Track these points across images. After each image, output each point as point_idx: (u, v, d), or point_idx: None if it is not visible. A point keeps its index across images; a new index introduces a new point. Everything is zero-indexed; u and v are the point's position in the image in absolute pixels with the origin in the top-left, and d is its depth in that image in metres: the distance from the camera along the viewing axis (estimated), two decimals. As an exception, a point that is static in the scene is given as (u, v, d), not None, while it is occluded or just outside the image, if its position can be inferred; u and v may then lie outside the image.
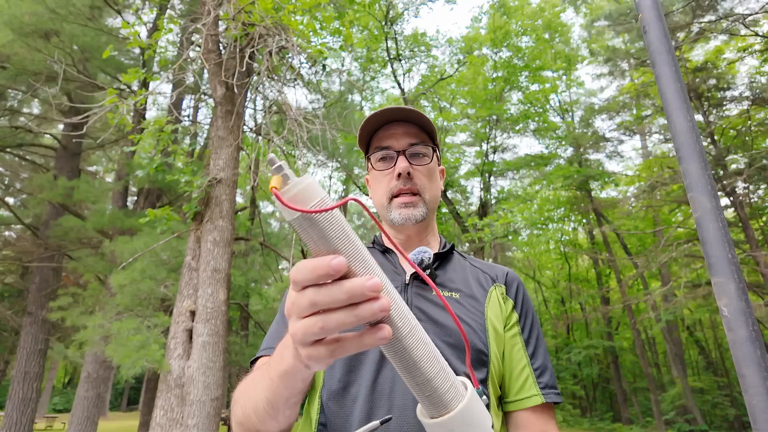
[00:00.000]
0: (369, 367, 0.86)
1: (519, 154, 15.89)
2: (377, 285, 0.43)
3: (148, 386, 11.44)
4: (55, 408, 22.68)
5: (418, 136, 1.02)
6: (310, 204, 0.42)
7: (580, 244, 18.73)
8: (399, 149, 1.00)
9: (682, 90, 0.74)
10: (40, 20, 7.40)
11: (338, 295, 0.43)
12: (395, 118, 1.02)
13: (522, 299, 1.00)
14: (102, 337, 5.75)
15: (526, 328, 0.97)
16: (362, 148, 1.11)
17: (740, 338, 0.58)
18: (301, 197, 0.42)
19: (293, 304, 0.46)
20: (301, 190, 0.42)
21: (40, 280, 9.30)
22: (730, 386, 15.49)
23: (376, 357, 0.86)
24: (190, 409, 4.69)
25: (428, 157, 1.03)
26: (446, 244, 1.08)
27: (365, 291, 0.42)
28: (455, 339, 0.88)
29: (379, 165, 1.03)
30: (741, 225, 9.67)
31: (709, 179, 0.67)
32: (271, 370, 0.61)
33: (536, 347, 0.96)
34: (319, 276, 0.42)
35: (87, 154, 12.09)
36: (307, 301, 0.44)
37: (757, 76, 10.37)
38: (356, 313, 0.43)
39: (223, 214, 5.47)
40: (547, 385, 0.92)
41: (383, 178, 1.02)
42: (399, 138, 1.01)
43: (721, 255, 0.62)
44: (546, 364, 0.95)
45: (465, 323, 0.90)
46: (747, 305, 0.60)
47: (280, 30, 5.36)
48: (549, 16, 13.94)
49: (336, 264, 0.42)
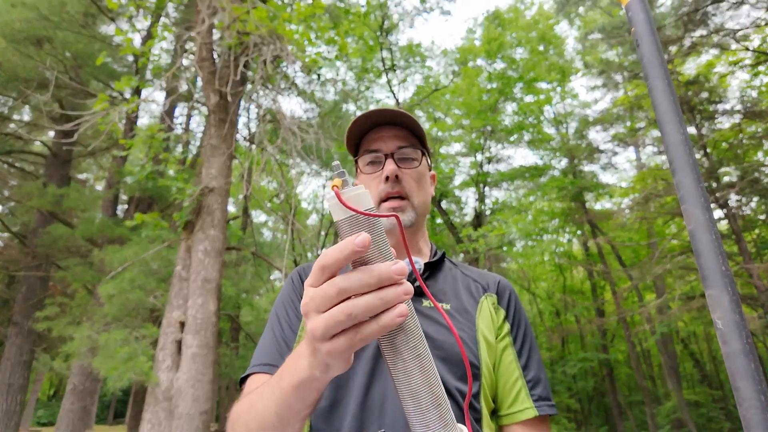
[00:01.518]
0: (358, 383, 0.83)
1: (513, 165, 15.95)
2: (403, 269, 0.46)
3: (135, 399, 11.20)
4: (39, 421, 22.24)
5: (407, 140, 1.00)
6: (362, 209, 0.47)
7: (575, 256, 18.75)
8: (387, 152, 0.98)
9: (675, 103, 0.75)
10: (32, 27, 7.36)
11: (368, 279, 0.45)
12: (384, 122, 1.00)
13: (514, 308, 0.98)
14: (89, 349, 5.64)
15: (518, 338, 0.95)
16: (350, 151, 1.08)
17: (734, 351, 0.59)
18: (355, 201, 0.48)
19: (312, 298, 0.47)
20: (357, 195, 0.48)
21: (26, 290, 9.14)
22: (725, 399, 15.47)
23: (365, 372, 0.84)
24: (179, 422, 4.57)
25: (417, 161, 1.00)
26: (437, 252, 1.05)
27: (392, 274, 0.45)
28: (445, 353, 0.85)
29: (367, 168, 1.01)
30: (734, 237, 9.72)
31: (703, 191, 0.68)
32: (282, 381, 0.59)
33: (529, 358, 0.94)
34: (347, 255, 0.45)
35: (77, 161, 11.97)
36: (336, 289, 0.45)
37: (748, 90, 10.51)
38: (382, 296, 0.45)
39: (215, 223, 5.40)
40: (541, 397, 0.90)
41: (371, 182, 0.99)
42: (387, 141, 0.99)
43: (715, 267, 0.63)
44: (539, 375, 0.92)
45: (447, 341, 0.88)
46: (741, 318, 0.61)
47: (275, 39, 5.34)
48: (543, 28, 14.10)
49: (360, 241, 0.44)
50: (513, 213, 13.02)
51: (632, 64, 11.87)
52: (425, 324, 0.87)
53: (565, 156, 14.66)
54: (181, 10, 9.69)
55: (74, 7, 7.84)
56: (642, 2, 0.83)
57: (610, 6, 13.71)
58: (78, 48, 8.08)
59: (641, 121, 11.83)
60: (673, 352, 14.89)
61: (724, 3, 9.73)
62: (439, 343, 0.85)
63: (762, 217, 10.75)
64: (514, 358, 0.92)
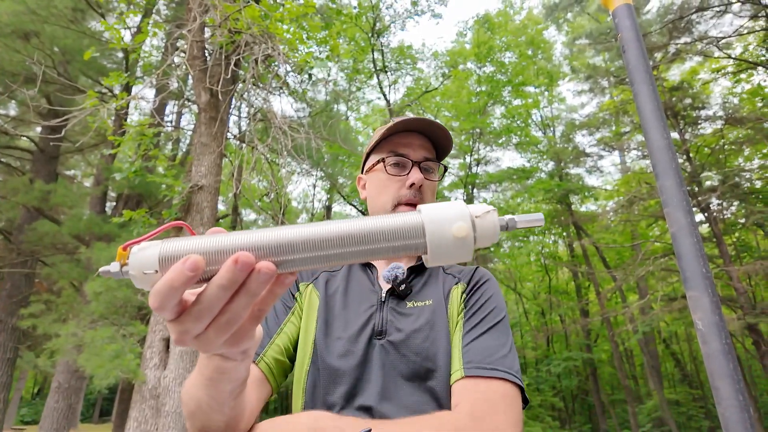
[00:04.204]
0: (353, 361, 0.88)
1: (501, 167, 16.11)
2: (247, 261, 0.40)
3: (121, 397, 11.10)
4: (23, 420, 21.86)
5: (431, 152, 1.06)
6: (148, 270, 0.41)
7: (561, 257, 18.98)
8: (415, 160, 1.02)
9: (659, 108, 0.77)
10: (19, 20, 7.26)
11: (220, 293, 0.41)
12: (416, 129, 1.04)
13: (476, 287, 0.96)
14: (75, 346, 5.58)
15: (471, 309, 0.92)
16: (368, 147, 1.12)
17: (714, 351, 0.59)
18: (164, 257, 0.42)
19: (182, 334, 0.43)
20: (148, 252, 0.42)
21: (11, 286, 9.01)
22: (705, 398, 15.77)
23: (360, 350, 0.88)
24: (165, 420, 4.57)
25: (437, 174, 1.06)
26: None
27: (237, 272, 0.40)
28: (428, 356, 0.87)
29: (392, 169, 1.03)
30: (715, 240, 9.92)
31: (685, 195, 0.68)
32: (203, 373, 0.60)
33: (476, 325, 0.88)
34: (183, 280, 0.40)
35: (65, 157, 11.82)
36: (194, 317, 0.42)
37: (730, 97, 10.75)
38: (250, 292, 0.41)
39: (204, 221, 5.40)
40: (473, 361, 0.82)
41: (393, 184, 1.02)
42: (416, 149, 1.03)
43: (696, 269, 0.64)
44: (483, 341, 0.85)
45: (429, 337, 0.89)
46: (720, 319, 0.61)
47: (266, 38, 5.35)
48: (532, 33, 14.27)
49: (192, 262, 0.39)
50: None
51: (618, 70, 12.08)
52: (405, 323, 0.91)
53: (551, 159, 14.84)
54: (173, 8, 9.64)
55: (63, 1, 7.75)
56: (629, 9, 0.87)
57: (598, 12, 13.92)
58: (66, 43, 7.98)
59: (626, 126, 12.04)
60: (654, 351, 15.17)
61: (708, 11, 9.95)
62: (420, 349, 0.88)
63: (742, 220, 10.98)
64: (461, 328, 0.90)
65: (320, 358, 0.90)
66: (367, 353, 0.89)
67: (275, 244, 0.42)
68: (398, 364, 0.87)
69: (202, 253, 0.41)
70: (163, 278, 0.40)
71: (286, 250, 0.42)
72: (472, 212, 0.45)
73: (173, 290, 0.40)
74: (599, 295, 14.11)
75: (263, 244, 0.42)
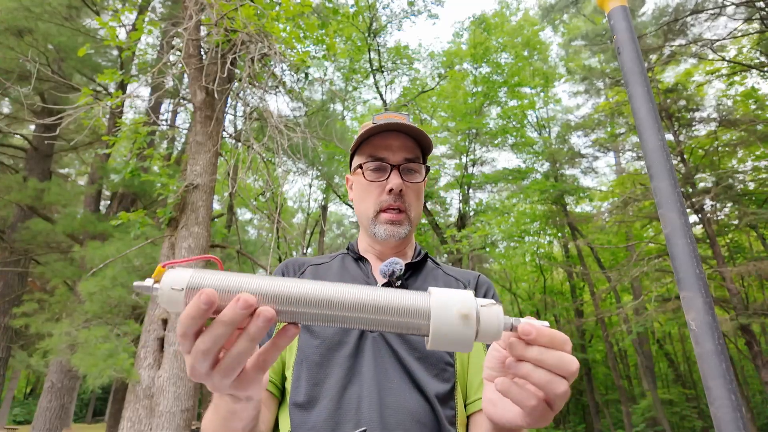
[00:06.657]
0: (335, 381, 0.84)
1: (497, 168, 16.16)
2: (247, 300, 0.44)
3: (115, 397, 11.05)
4: (15, 419, 21.68)
5: (413, 151, 1.01)
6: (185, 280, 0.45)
7: (555, 257, 19.03)
8: (394, 163, 0.98)
9: (654, 110, 0.77)
10: (13, 17, 7.20)
11: (220, 329, 0.44)
12: (394, 129, 1.00)
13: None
14: (68, 346, 5.54)
15: None
16: (351, 149, 1.09)
17: (707, 351, 0.60)
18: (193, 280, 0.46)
19: (193, 368, 0.47)
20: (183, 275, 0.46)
21: (4, 285, 8.93)
22: (698, 398, 15.86)
23: (342, 371, 0.85)
24: (159, 420, 4.55)
25: (420, 175, 1.01)
26: (421, 251, 1.06)
27: (238, 311, 0.44)
28: (420, 353, 0.87)
29: (370, 175, 0.99)
30: (708, 241, 9.98)
31: (679, 197, 0.69)
32: (217, 412, 0.64)
33: None
34: (198, 312, 0.44)
35: (59, 156, 11.73)
36: (201, 351, 0.45)
37: (724, 99, 10.81)
38: (249, 335, 0.45)
39: (199, 220, 5.38)
40: None
41: (373, 190, 0.99)
42: (395, 151, 0.99)
43: (690, 270, 0.64)
44: None
45: None
46: (713, 319, 0.61)
47: (262, 37, 5.34)
48: (528, 34, 14.31)
49: (205, 298, 0.43)
50: (496, 215, 13.17)
51: (614, 71, 12.13)
52: None
53: (547, 160, 14.89)
54: (168, 6, 9.60)
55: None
56: (624, 11, 0.87)
57: (594, 14, 13.98)
58: (61, 41, 7.92)
59: (621, 127, 12.09)
60: (648, 352, 15.25)
61: (703, 14, 10.02)
62: (415, 344, 0.87)
63: (735, 222, 11.05)
64: (483, 348, 0.91)
65: (305, 347, 0.89)
66: (359, 345, 0.88)
67: (284, 294, 0.45)
68: (390, 357, 0.87)
69: (219, 289, 0.45)
70: (185, 308, 0.44)
71: (292, 302, 0.45)
72: (479, 305, 0.47)
73: (192, 319, 0.44)
74: (594, 296, 14.17)
75: (271, 291, 0.45)
